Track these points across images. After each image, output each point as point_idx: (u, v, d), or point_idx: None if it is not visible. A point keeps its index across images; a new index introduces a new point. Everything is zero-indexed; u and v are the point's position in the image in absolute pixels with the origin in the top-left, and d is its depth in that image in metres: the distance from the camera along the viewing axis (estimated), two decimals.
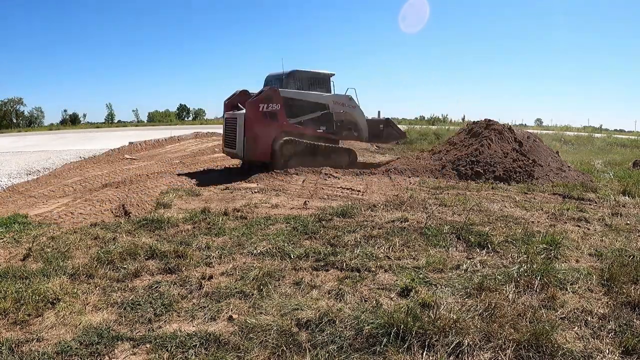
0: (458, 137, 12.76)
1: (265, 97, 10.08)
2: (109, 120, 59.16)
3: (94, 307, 3.44)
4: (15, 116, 57.77)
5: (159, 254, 4.47)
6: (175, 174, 10.01)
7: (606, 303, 3.43)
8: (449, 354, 2.73)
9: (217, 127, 25.80)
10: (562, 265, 4.21)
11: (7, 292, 3.55)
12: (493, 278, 3.80)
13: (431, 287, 3.69)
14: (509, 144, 11.19)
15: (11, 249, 4.85)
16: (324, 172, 9.88)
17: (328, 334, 2.94)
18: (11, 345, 2.84)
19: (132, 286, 3.82)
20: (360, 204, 6.86)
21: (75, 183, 9.00)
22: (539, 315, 3.14)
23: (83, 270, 4.07)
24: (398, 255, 4.50)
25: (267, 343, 2.86)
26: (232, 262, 4.35)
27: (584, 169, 11.48)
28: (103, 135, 20.30)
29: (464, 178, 9.78)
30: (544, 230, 5.36)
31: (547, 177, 9.71)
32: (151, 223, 5.65)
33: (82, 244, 4.91)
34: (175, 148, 15.62)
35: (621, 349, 2.80)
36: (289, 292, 3.64)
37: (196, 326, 3.13)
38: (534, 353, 2.73)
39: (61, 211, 6.73)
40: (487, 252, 4.59)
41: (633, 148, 20.57)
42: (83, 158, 11.82)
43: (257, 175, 9.53)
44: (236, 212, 6.26)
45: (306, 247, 4.72)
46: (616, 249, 4.68)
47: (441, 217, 5.99)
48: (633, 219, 6.08)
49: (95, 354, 2.79)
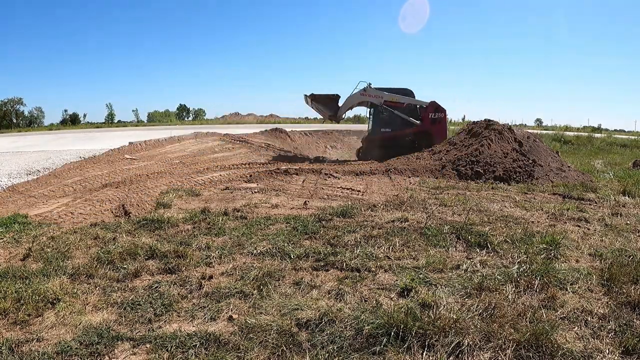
0: (458, 137, 12.78)
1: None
2: (109, 120, 59.05)
3: (94, 307, 3.44)
4: (15, 116, 57.72)
5: (159, 254, 4.47)
6: (175, 173, 10.01)
7: (606, 303, 3.43)
8: (449, 354, 2.73)
9: (217, 127, 25.82)
10: (562, 265, 4.21)
11: (7, 292, 3.56)
12: (493, 278, 3.80)
13: (431, 287, 3.69)
14: (509, 144, 11.20)
15: (11, 249, 4.85)
16: (324, 172, 9.88)
17: (328, 334, 2.94)
18: (11, 345, 2.85)
19: (132, 286, 3.82)
20: (360, 204, 6.86)
21: (75, 183, 8.99)
22: (539, 315, 3.14)
23: (83, 270, 4.07)
24: (398, 255, 4.50)
25: (267, 343, 2.86)
26: (232, 262, 4.35)
27: (584, 169, 11.48)
28: (103, 135, 20.30)
29: (464, 178, 9.78)
30: (544, 230, 5.37)
31: (547, 177, 9.71)
32: (151, 223, 5.65)
33: (82, 244, 4.91)
34: (175, 148, 15.59)
35: (621, 349, 2.80)
36: (289, 292, 3.64)
37: (196, 326, 3.13)
38: (534, 353, 2.73)
39: (61, 211, 6.73)
40: (487, 252, 4.59)
41: (633, 148, 20.58)
42: (83, 158, 11.81)
43: (257, 175, 9.54)
44: (236, 212, 6.26)
45: (306, 247, 4.72)
46: (616, 249, 4.68)
47: (441, 217, 5.99)
48: (633, 219, 6.08)
49: (95, 354, 2.79)
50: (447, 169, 10.37)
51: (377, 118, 14.44)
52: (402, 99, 14.01)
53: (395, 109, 13.94)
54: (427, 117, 13.97)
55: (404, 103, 14.00)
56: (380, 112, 14.24)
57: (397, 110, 13.94)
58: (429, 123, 13.94)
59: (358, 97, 14.22)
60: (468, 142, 11.70)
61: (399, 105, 13.97)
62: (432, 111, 13.97)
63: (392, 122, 14.09)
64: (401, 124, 14.00)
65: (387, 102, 13.97)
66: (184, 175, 9.79)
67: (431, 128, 13.93)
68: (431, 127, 13.93)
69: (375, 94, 14.02)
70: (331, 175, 9.73)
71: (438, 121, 14.03)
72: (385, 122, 14.18)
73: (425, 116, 14.00)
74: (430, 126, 13.94)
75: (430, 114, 13.94)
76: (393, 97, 13.96)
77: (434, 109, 14.00)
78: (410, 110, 14.08)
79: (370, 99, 14.12)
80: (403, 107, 14.00)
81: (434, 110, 14.00)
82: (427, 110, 14.00)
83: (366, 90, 14.08)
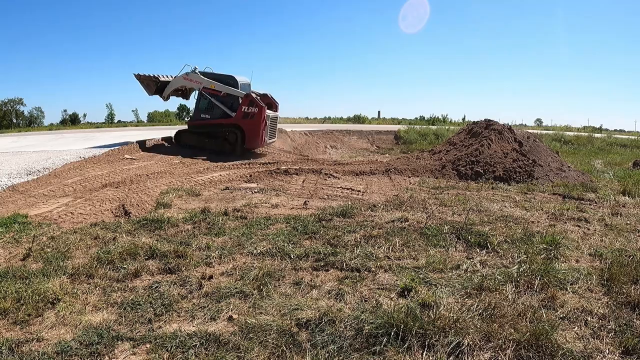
0: (458, 137, 12.78)
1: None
2: (109, 120, 59.02)
3: (94, 307, 3.44)
4: (15, 116, 57.74)
5: (159, 254, 4.47)
6: (175, 173, 10.01)
7: (606, 303, 3.43)
8: (449, 354, 2.73)
9: None
10: (562, 265, 4.21)
11: (7, 292, 3.55)
12: (493, 278, 3.81)
13: (431, 287, 3.69)
14: (509, 144, 11.20)
15: (11, 249, 4.85)
16: (324, 172, 9.89)
17: (328, 334, 2.94)
18: (11, 345, 2.84)
19: (132, 286, 3.82)
20: (360, 204, 6.86)
21: (75, 183, 8.99)
22: (539, 315, 3.14)
23: (83, 270, 4.07)
24: (398, 255, 4.50)
25: (267, 343, 2.86)
26: (232, 262, 4.35)
27: (584, 169, 11.48)
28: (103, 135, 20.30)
29: (464, 178, 9.79)
30: (544, 230, 5.37)
31: (547, 177, 9.71)
32: (151, 223, 5.65)
33: (82, 244, 4.91)
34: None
35: (621, 349, 2.80)
36: (289, 292, 3.64)
37: (196, 326, 3.13)
38: (534, 353, 2.73)
39: (61, 211, 6.73)
40: (487, 252, 4.59)
41: (633, 148, 20.59)
42: (83, 158, 11.81)
43: (257, 175, 9.55)
44: (236, 212, 6.26)
45: (306, 247, 4.72)
46: (616, 249, 4.68)
47: (441, 217, 5.99)
48: (633, 219, 6.08)
49: (95, 354, 2.79)
50: (447, 169, 10.38)
51: (198, 103, 14.12)
52: (220, 88, 13.59)
53: (213, 97, 13.58)
54: (240, 110, 13.17)
55: (221, 92, 13.61)
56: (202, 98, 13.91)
57: (214, 99, 13.56)
58: (241, 116, 13.13)
59: (181, 81, 14.19)
60: (468, 142, 11.71)
61: (216, 93, 13.59)
62: (246, 104, 13.11)
63: (212, 111, 13.73)
64: (219, 113, 13.58)
65: (206, 88, 13.68)
66: (184, 175, 9.79)
67: (242, 122, 13.16)
68: (242, 121, 13.13)
69: (196, 79, 13.82)
70: (331, 175, 9.73)
71: (250, 116, 13.08)
72: (205, 109, 13.86)
73: (239, 108, 13.23)
74: (242, 120, 13.13)
75: (244, 107, 13.10)
76: (211, 84, 13.63)
77: (248, 102, 13.12)
78: (231, 101, 13.52)
79: (191, 83, 14.04)
80: (222, 96, 13.59)
81: (248, 104, 13.12)
82: (242, 103, 13.21)
83: (188, 74, 13.95)
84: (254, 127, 13.15)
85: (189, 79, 13.99)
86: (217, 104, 13.58)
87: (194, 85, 14.03)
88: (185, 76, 14.02)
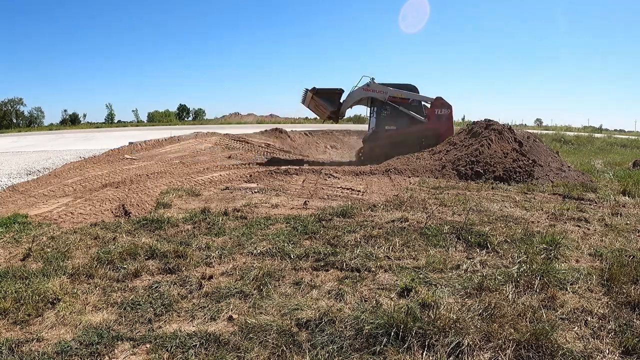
0: (458, 137, 12.76)
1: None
2: (109, 120, 59.03)
3: (94, 307, 3.44)
4: (15, 116, 57.74)
5: (159, 254, 4.48)
6: (175, 173, 10.01)
7: (606, 303, 3.43)
8: (449, 354, 2.73)
9: (217, 127, 25.82)
10: (562, 265, 4.21)
11: (7, 292, 3.55)
12: (493, 278, 3.80)
13: (431, 287, 3.69)
14: (509, 144, 11.19)
15: (11, 249, 4.85)
16: (324, 172, 9.88)
17: (328, 334, 2.94)
18: (11, 345, 2.85)
19: (132, 286, 3.83)
20: (360, 204, 6.86)
21: (75, 183, 8.99)
22: (539, 315, 3.14)
23: (83, 270, 4.07)
24: (398, 255, 4.50)
25: (267, 343, 2.86)
26: (232, 262, 4.35)
27: (584, 169, 11.47)
28: (103, 135, 20.31)
29: (464, 178, 9.78)
30: (544, 230, 5.37)
31: (547, 177, 9.71)
32: (151, 223, 5.66)
33: (82, 244, 4.91)
34: (175, 148, 15.59)
35: (621, 349, 2.80)
36: (289, 292, 3.64)
37: (196, 326, 3.13)
38: (534, 353, 2.73)
39: (61, 211, 6.73)
40: (487, 252, 4.59)
41: (633, 148, 20.58)
42: (83, 158, 11.82)
43: (257, 175, 9.55)
44: (236, 212, 6.26)
45: (306, 247, 4.72)
46: (616, 249, 4.68)
47: (441, 217, 5.99)
48: (633, 219, 6.08)
49: (95, 354, 2.79)
50: (447, 169, 10.37)
51: (380, 116, 13.67)
52: (407, 95, 13.49)
53: (399, 106, 13.39)
54: (433, 114, 13.41)
55: (409, 99, 13.47)
56: (383, 109, 13.56)
57: (402, 107, 13.37)
58: (436, 120, 13.39)
59: (361, 93, 13.55)
60: (468, 142, 11.69)
61: (404, 102, 13.42)
62: (438, 107, 13.41)
63: (397, 120, 13.48)
64: (407, 121, 13.42)
65: (391, 97, 13.41)
66: (184, 175, 9.79)
67: (438, 125, 13.32)
68: (438, 124, 13.34)
69: (380, 89, 13.43)
70: (331, 175, 9.73)
71: (444, 118, 13.46)
72: (389, 120, 13.52)
73: (431, 113, 13.44)
74: (437, 123, 13.34)
75: (437, 110, 13.40)
76: (398, 93, 13.39)
77: (440, 104, 13.43)
78: (415, 107, 13.59)
79: (374, 94, 13.51)
80: (408, 103, 13.46)
81: (440, 106, 13.43)
82: (432, 106, 13.46)
83: (370, 85, 13.44)
84: (449, 127, 13.52)
85: (370, 89, 13.52)
86: (406, 112, 13.40)
87: (378, 96, 13.47)
88: (367, 87, 13.51)
